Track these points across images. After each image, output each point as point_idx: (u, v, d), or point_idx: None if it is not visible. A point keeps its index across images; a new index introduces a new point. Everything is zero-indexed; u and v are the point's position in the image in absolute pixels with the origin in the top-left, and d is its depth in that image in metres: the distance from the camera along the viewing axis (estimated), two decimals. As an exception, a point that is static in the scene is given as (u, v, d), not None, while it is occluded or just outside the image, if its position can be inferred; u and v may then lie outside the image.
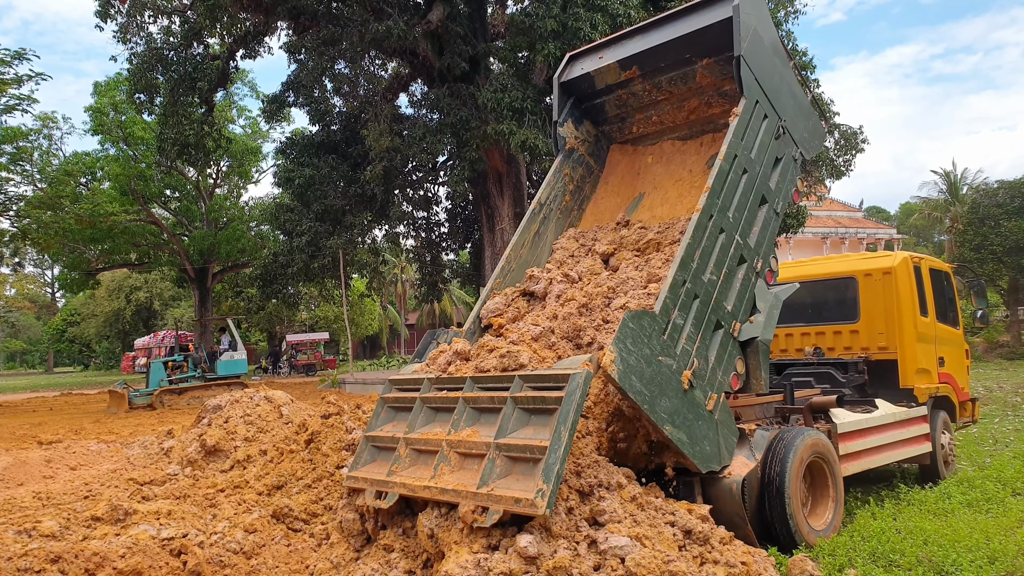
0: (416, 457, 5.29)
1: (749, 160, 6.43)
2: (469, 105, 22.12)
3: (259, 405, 10.71)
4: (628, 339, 4.89)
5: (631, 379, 4.85)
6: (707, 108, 7.67)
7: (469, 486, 4.60)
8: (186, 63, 26.11)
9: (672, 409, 5.11)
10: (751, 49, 6.50)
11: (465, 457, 4.95)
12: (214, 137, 28.04)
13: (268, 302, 31.04)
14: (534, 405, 4.84)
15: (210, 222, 39.43)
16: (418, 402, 5.55)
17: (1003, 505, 6.94)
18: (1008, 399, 16.47)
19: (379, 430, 5.77)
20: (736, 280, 6.12)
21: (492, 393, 5.09)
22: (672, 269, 5.40)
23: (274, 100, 28.70)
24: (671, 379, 5.16)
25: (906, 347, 8.38)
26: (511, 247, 7.15)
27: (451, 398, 5.34)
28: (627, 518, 4.73)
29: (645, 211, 7.74)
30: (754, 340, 6.12)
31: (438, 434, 5.19)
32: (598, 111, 8.23)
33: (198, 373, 22.02)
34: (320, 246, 25.47)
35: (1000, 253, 30.64)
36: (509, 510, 4.33)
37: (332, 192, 25.63)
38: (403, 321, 63.42)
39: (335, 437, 7.98)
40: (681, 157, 7.91)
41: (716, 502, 5.40)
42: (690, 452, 5.20)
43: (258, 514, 6.59)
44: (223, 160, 38.58)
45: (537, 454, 4.49)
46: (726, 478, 5.49)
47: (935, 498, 7.24)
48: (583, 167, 8.07)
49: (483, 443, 4.82)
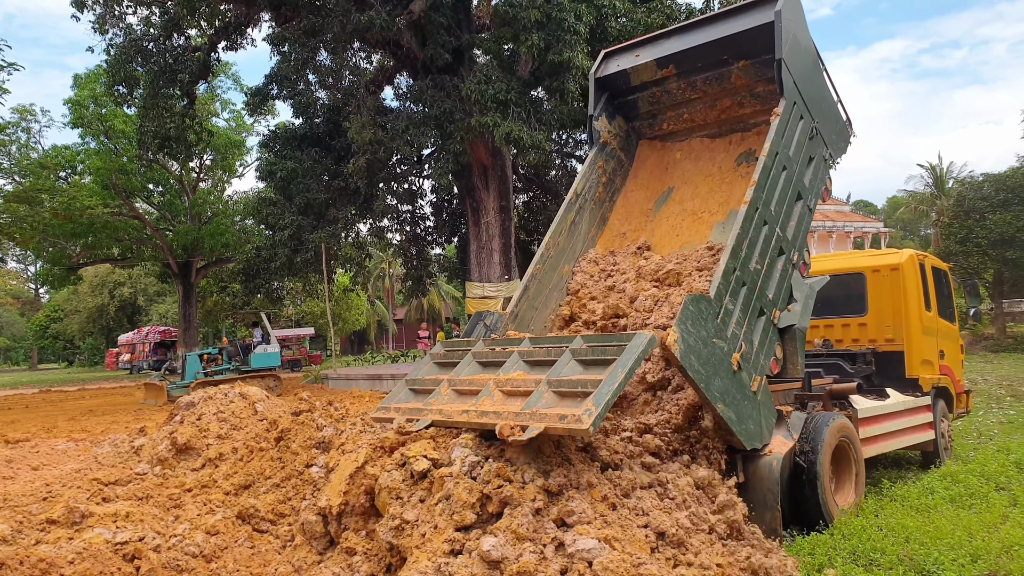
0: (456, 395, 5.45)
1: (788, 158, 6.75)
2: (453, 97, 21.86)
3: (233, 402, 10.49)
4: (688, 321, 5.15)
5: (690, 358, 5.09)
6: (738, 108, 7.99)
7: (508, 410, 4.77)
8: (166, 55, 25.68)
9: (723, 389, 5.39)
10: (791, 53, 6.77)
11: (509, 394, 5.09)
12: (196, 130, 27.71)
13: (253, 297, 30.76)
14: (592, 357, 5.00)
15: (194, 217, 38.95)
16: (468, 355, 5.75)
17: (986, 500, 6.81)
18: (992, 392, 16.42)
19: (419, 375, 6.00)
20: (776, 270, 6.46)
21: (549, 346, 5.32)
22: (724, 257, 5.72)
23: (257, 93, 28.33)
24: (723, 360, 5.44)
25: (912, 339, 8.77)
26: (550, 235, 7.44)
27: (505, 352, 5.53)
28: (597, 519, 4.55)
29: (675, 204, 8.04)
30: (792, 327, 6.47)
31: (484, 377, 5.37)
32: (630, 107, 8.50)
33: (233, 366, 22.11)
34: (303, 240, 25.16)
35: (985, 246, 30.68)
36: (552, 426, 4.43)
37: (315, 185, 25.32)
38: (391, 316, 63.05)
39: (305, 435, 7.78)
40: (710, 154, 8.21)
41: (753, 478, 5.72)
42: (737, 430, 5.48)
43: (222, 515, 6.39)
44: (206, 154, 38.08)
45: (589, 388, 4.59)
46: (767, 455, 5.80)
47: (917, 493, 7.11)
48: (615, 160, 8.34)
49: (531, 380, 5.00)
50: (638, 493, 5.02)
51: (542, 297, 7.28)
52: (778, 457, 5.76)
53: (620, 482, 5.00)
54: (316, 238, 24.50)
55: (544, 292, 7.34)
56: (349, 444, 5.82)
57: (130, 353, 44.94)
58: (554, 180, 31.93)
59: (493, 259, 25.04)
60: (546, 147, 20.89)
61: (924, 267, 9.27)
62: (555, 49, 19.94)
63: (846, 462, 6.69)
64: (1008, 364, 24.64)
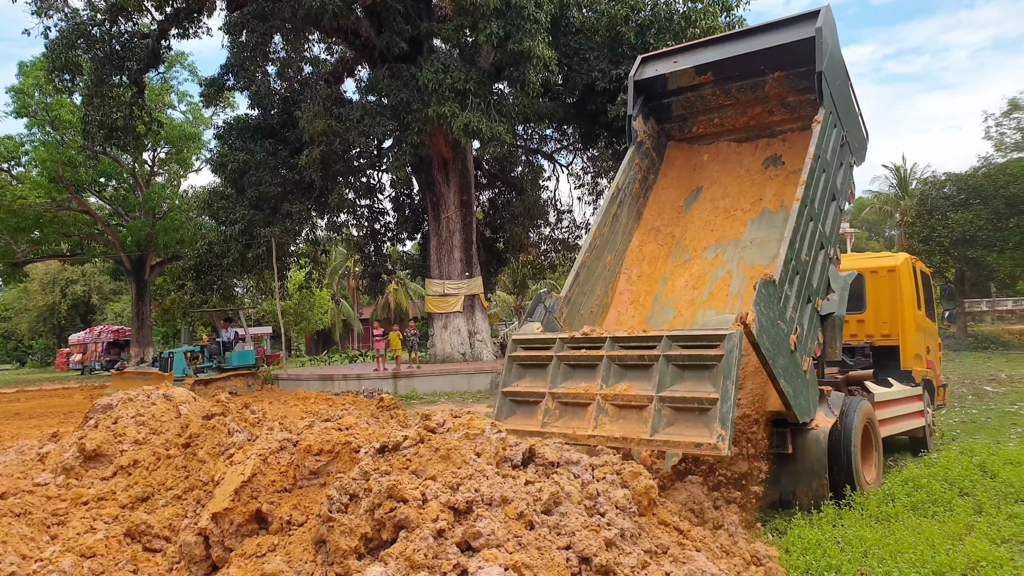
0: (564, 409, 6.03)
1: (826, 161, 7.34)
2: (411, 87, 21.17)
3: (155, 404, 9.63)
4: (761, 303, 5.56)
5: (763, 337, 5.49)
6: (768, 115, 8.58)
7: (638, 434, 5.43)
8: (112, 41, 24.64)
9: (784, 366, 5.85)
10: (829, 66, 7.33)
11: (622, 408, 5.66)
12: (145, 121, 26.58)
13: (209, 295, 29.84)
14: (690, 362, 5.50)
15: (147, 212, 37.67)
16: (554, 360, 6.20)
17: (949, 508, 6.31)
18: (955, 390, 16.15)
19: (514, 386, 6.44)
20: (819, 263, 7.05)
21: (641, 351, 5.73)
22: (783, 248, 6.24)
23: (212, 84, 27.31)
24: (784, 341, 5.91)
25: (907, 335, 9.49)
26: (596, 227, 7.99)
27: (592, 356, 5.97)
28: (510, 540, 3.93)
29: (706, 202, 8.63)
30: (831, 315, 7.11)
31: (588, 388, 5.90)
32: (664, 110, 9.05)
33: (214, 364, 21.69)
34: (255, 235, 24.27)
35: (947, 245, 30.69)
36: (690, 452, 5.28)
37: (268, 178, 24.43)
38: (356, 316, 61.95)
39: (215, 441, 7.07)
40: (737, 157, 8.80)
41: (803, 449, 6.37)
42: (794, 404, 5.99)
43: (104, 534, 5.65)
44: (160, 146, 36.87)
45: (706, 405, 5.23)
46: (814, 429, 6.43)
47: (878, 500, 6.59)
48: (648, 159, 8.85)
49: (643, 396, 5.55)
50: (562, 508, 4.40)
51: (590, 283, 7.77)
52: (825, 431, 6.43)
53: (541, 496, 4.37)
54: (268, 233, 23.63)
55: (592, 279, 7.83)
56: (239, 454, 5.14)
57: (81, 353, 43.37)
58: (519, 176, 31.35)
59: (454, 255, 24.37)
60: (506, 139, 20.27)
61: (916, 269, 10.05)
62: (515, 38, 19.34)
63: (868, 443, 7.24)
64: (969, 362, 24.57)
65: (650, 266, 8.35)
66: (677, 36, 21.05)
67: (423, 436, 4.72)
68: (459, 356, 23.81)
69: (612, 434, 5.56)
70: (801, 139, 8.38)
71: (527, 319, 7.00)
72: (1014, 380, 18.30)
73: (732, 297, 7.77)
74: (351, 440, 4.97)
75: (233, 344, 22.15)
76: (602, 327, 7.54)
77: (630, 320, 8.01)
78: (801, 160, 7.92)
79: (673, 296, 8.12)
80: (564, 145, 31.08)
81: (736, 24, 21.99)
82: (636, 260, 8.34)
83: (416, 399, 18.58)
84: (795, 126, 8.53)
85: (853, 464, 6.61)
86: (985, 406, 13.86)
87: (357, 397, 18.39)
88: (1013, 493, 6.63)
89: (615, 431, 5.56)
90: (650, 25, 22.10)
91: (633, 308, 8.17)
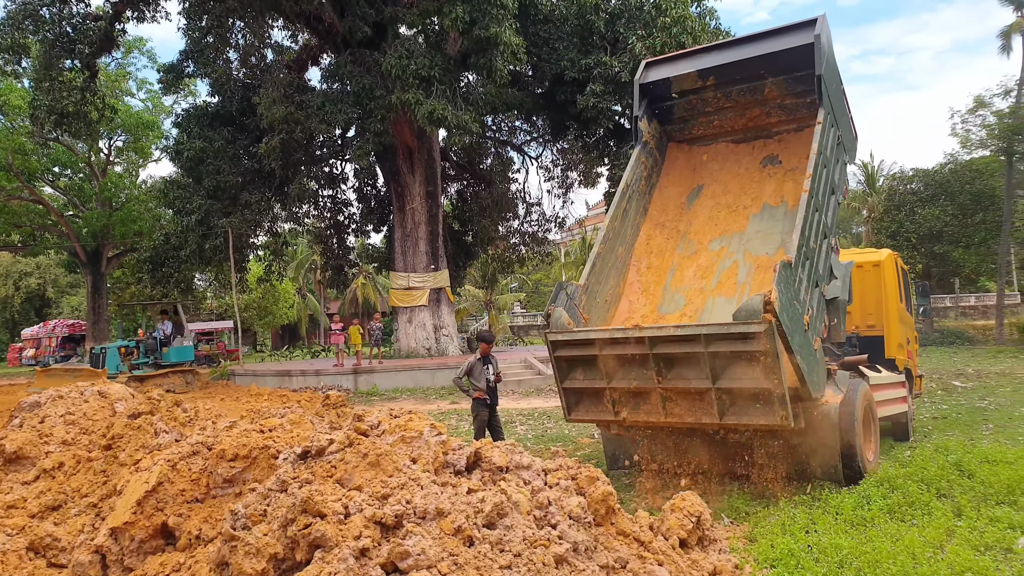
0: (629, 397, 6.80)
1: (826, 158, 7.77)
2: (374, 73, 20.48)
3: (88, 402, 8.94)
4: (782, 283, 5.94)
5: (784, 315, 5.83)
6: (766, 118, 9.02)
7: (709, 418, 6.34)
8: (62, 22, 23.59)
9: (800, 344, 6.21)
10: (827, 70, 7.78)
11: (684, 394, 6.46)
12: (97, 106, 25.49)
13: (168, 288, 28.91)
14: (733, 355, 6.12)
15: (103, 202, 36.40)
16: (600, 359, 6.77)
17: (928, 511, 5.93)
18: (924, 385, 15.96)
19: (570, 381, 7.18)
20: (823, 251, 7.52)
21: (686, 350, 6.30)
22: (795, 235, 6.65)
23: (170, 70, 26.34)
24: (799, 320, 6.30)
25: (891, 326, 10.04)
26: (609, 219, 8.32)
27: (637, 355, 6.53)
28: (444, 560, 3.42)
29: (708, 199, 9.07)
30: (836, 299, 7.74)
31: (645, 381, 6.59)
32: (667, 112, 9.43)
33: (150, 360, 20.81)
34: (212, 226, 23.41)
35: (914, 241, 30.76)
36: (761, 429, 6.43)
37: (227, 167, 23.57)
38: (323, 310, 60.90)
39: (139, 442, 6.45)
40: (735, 157, 9.26)
41: (815, 424, 6.82)
42: (809, 380, 6.39)
43: (2, 547, 5.04)
44: (116, 134, 35.65)
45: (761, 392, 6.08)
46: (825, 404, 6.94)
47: (853, 503, 6.20)
48: (652, 159, 9.21)
49: (702, 387, 6.29)
50: (507, 521, 3.89)
51: (604, 273, 8.13)
52: (835, 406, 6.93)
53: (484, 507, 3.87)
54: (225, 224, 22.79)
55: (606, 269, 8.18)
56: (147, 459, 4.56)
57: (35, 348, 41.82)
58: (489, 168, 30.77)
59: (419, 248, 23.74)
60: (472, 128, 19.69)
61: (898, 264, 10.62)
62: (481, 24, 18.77)
63: (868, 421, 7.62)
64: (936, 357, 24.58)
65: (658, 258, 8.75)
66: (647, 25, 20.65)
67: (352, 440, 4.19)
68: (424, 351, 23.21)
69: (684, 419, 6.44)
70: (797, 140, 8.85)
71: (551, 304, 7.32)
72: (981, 375, 18.23)
73: (740, 285, 8.16)
74: (270, 444, 4.42)
75: (172, 339, 21.31)
76: (616, 314, 8.27)
77: (642, 308, 8.42)
78: (798, 159, 8.58)
79: (682, 285, 8.53)
80: (534, 137, 30.58)
81: (707, 14, 21.66)
82: (644, 252, 8.75)
83: (377, 396, 17.98)
84: (791, 127, 8.94)
85: (856, 441, 6.99)
86: (955, 401, 13.67)
87: (315, 394, 17.72)
88: (992, 494, 6.28)
89: (687, 416, 6.41)
90: (620, 14, 21.68)
91: (644, 297, 8.58)
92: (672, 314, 8.18)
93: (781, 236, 8.17)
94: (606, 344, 6.67)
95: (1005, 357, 23.59)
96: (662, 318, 8.14)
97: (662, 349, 6.34)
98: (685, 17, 19.76)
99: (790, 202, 8.41)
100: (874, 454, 7.73)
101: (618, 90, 20.63)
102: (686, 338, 6.25)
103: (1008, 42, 29.13)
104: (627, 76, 20.08)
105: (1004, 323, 29.83)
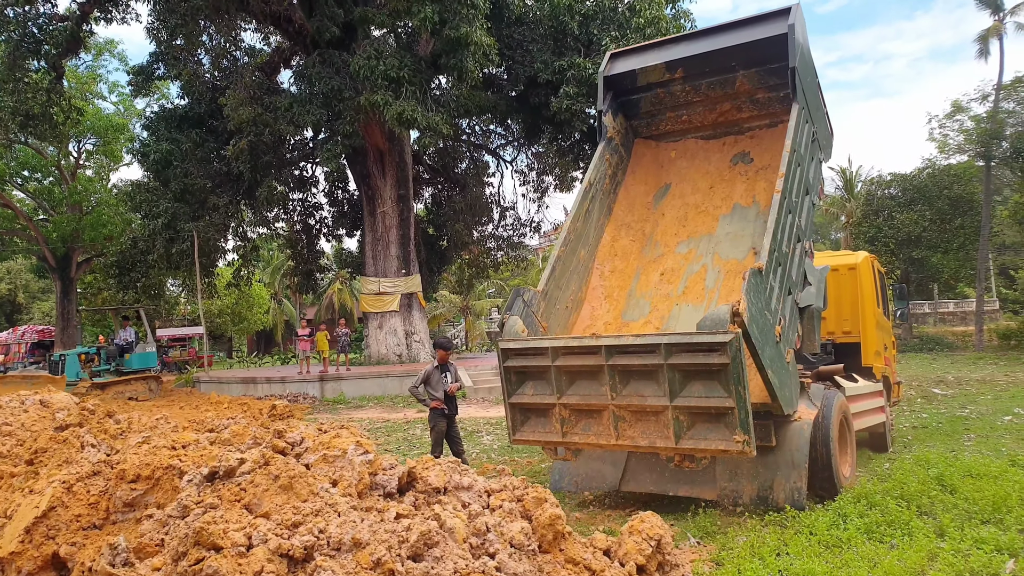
0: (579, 416, 6.16)
1: (800, 155, 7.38)
2: (343, 74, 19.97)
3: (27, 411, 8.37)
4: (751, 292, 5.52)
5: (754, 327, 5.41)
6: (736, 112, 8.61)
7: (663, 442, 5.71)
8: (28, 23, 22.93)
9: (771, 356, 5.79)
10: (800, 63, 7.39)
11: (638, 414, 5.82)
12: (64, 108, 24.81)
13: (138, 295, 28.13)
14: (695, 369, 5.54)
15: (73, 206, 35.55)
16: (553, 371, 6.14)
17: (908, 531, 5.54)
18: (904, 393, 15.67)
19: (519, 396, 6.49)
20: (796, 255, 7.09)
21: (643, 360, 5.70)
22: (767, 239, 6.19)
23: (140, 72, 25.74)
24: (770, 331, 5.87)
25: (867, 332, 9.54)
26: (570, 220, 7.85)
27: (591, 367, 5.93)
28: (355, 602, 2.95)
29: (676, 199, 8.67)
30: (810, 307, 7.20)
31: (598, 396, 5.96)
32: (632, 106, 8.99)
33: (111, 367, 20.29)
34: (179, 229, 22.77)
35: (893, 246, 30.64)
36: (719, 455, 5.65)
37: (194, 170, 22.94)
38: (299, 315, 60.09)
39: (63, 456, 5.93)
40: (704, 154, 8.86)
41: (785, 441, 6.41)
42: (780, 395, 5.92)
43: None
44: (86, 137, 34.86)
45: (723, 411, 5.42)
46: (797, 421, 6.47)
47: (828, 522, 5.80)
48: (617, 156, 8.78)
49: (658, 405, 5.66)
50: (437, 551, 3.44)
51: (565, 278, 7.64)
52: (808, 422, 6.46)
53: (409, 536, 3.41)
54: (191, 228, 22.17)
55: (567, 274, 7.69)
56: (41, 481, 4.07)
57: (3, 354, 40.80)
58: (464, 173, 30.31)
59: (390, 252, 23.20)
60: (443, 129, 19.23)
61: (874, 267, 10.09)
62: (452, 23, 18.33)
63: (844, 436, 7.24)
64: (915, 364, 24.39)
65: (623, 261, 8.34)
66: (622, 27, 20.35)
67: (268, 459, 3.72)
68: (395, 358, 22.67)
69: (637, 442, 5.83)
70: (769, 136, 8.49)
71: (506, 312, 6.87)
72: (961, 382, 18.00)
73: (708, 291, 7.77)
74: (175, 463, 3.94)
75: (134, 345, 20.78)
76: (577, 321, 7.80)
77: (605, 315, 7.96)
78: (770, 156, 8.20)
79: (647, 291, 8.13)
80: (508, 140, 30.20)
81: (682, 15, 21.40)
82: (608, 255, 8.31)
83: (343, 404, 17.44)
84: (763, 123, 8.56)
85: (832, 456, 6.62)
86: (935, 409, 13.36)
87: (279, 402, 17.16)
88: (977, 512, 5.89)
89: (640, 439, 5.80)
90: (594, 16, 21.36)
91: (607, 303, 8.15)
92: (636, 321, 7.73)
93: (752, 238, 7.75)
94: (560, 354, 6.12)
95: (985, 364, 23.43)
96: (626, 326, 7.68)
97: (619, 360, 5.79)
98: (659, 18, 19.48)
99: (762, 202, 7.98)
100: (851, 468, 7.37)
101: (592, 92, 20.23)
102: (645, 348, 5.70)
103: (985, 46, 29.17)
104: (601, 78, 19.77)
105: (983, 329, 29.76)
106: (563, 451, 6.50)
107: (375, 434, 12.85)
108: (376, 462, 3.91)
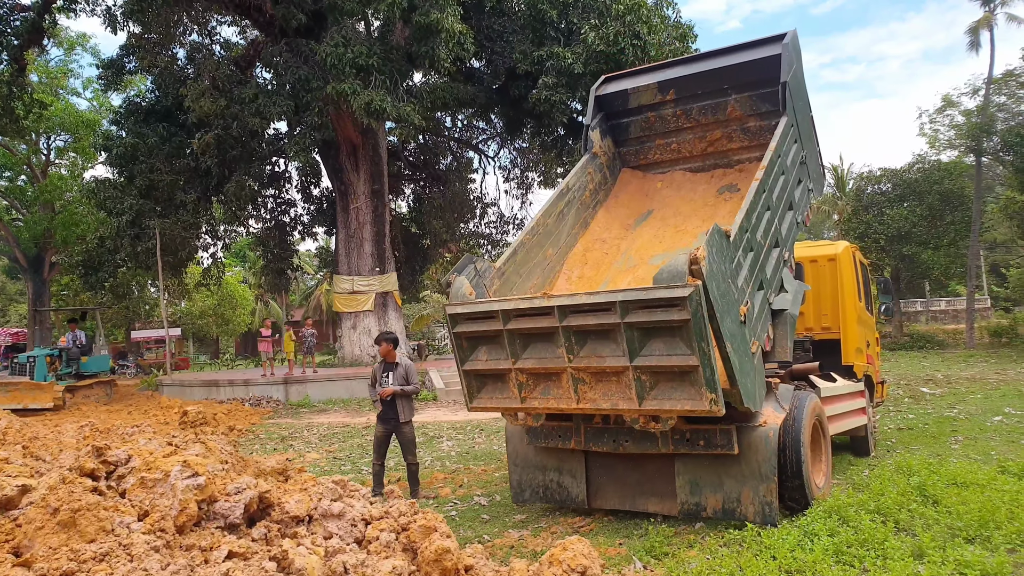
0: (538, 379, 5.81)
1: (785, 166, 7.26)
2: (310, 63, 19.21)
3: None
4: (714, 247, 5.18)
5: (713, 284, 5.01)
6: (727, 142, 8.50)
7: (626, 404, 5.35)
8: (-14, 12, 22.14)
9: (733, 332, 5.35)
10: (793, 84, 7.45)
11: (598, 375, 5.48)
12: (25, 101, 24.00)
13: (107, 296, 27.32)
14: (654, 326, 5.15)
15: (44, 204, 34.70)
16: (506, 335, 5.75)
17: (882, 552, 4.82)
18: (891, 392, 15.01)
19: (473, 362, 6.07)
20: (772, 256, 6.84)
21: (598, 320, 5.33)
22: (740, 214, 5.95)
23: (110, 65, 24.92)
24: (734, 305, 5.47)
25: (848, 328, 8.89)
26: (540, 214, 7.59)
27: (546, 329, 5.58)
28: None
29: (656, 221, 8.42)
30: (784, 312, 6.92)
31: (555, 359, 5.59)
32: (622, 130, 8.95)
33: (72, 370, 19.75)
34: (144, 227, 21.98)
35: (883, 242, 30.02)
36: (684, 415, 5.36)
37: (160, 165, 22.15)
38: (284, 316, 59.23)
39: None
40: (691, 185, 8.68)
41: (749, 450, 5.79)
42: (740, 381, 5.34)
43: None
44: (56, 133, 34.03)
45: (686, 369, 5.06)
46: (762, 426, 5.82)
47: (792, 542, 5.08)
48: (601, 175, 8.64)
49: (618, 367, 5.30)
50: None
51: (528, 267, 7.31)
52: (774, 428, 5.82)
53: (229, 585, 2.66)
54: (156, 224, 21.38)
55: (529, 264, 7.36)
56: None
57: (-23, 358, 39.95)
58: (446, 169, 29.56)
59: (364, 249, 22.43)
60: (415, 120, 18.49)
61: (856, 259, 9.44)
62: (422, 10, 17.61)
63: (818, 442, 6.64)
64: (905, 362, 23.76)
65: (593, 270, 8.03)
66: (602, 15, 19.62)
67: (69, 481, 2.96)
68: (369, 359, 21.87)
69: (599, 404, 5.48)
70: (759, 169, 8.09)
71: (453, 272, 6.37)
72: (951, 381, 17.33)
73: None
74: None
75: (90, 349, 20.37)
76: None
77: None
78: None
79: None
80: (491, 135, 29.47)
81: (664, 3, 20.69)
82: (579, 263, 8.01)
83: (307, 407, 16.67)
84: (753, 155, 8.31)
85: (803, 465, 5.99)
86: (922, 409, 12.67)
87: (241, 406, 16.37)
88: (961, 529, 5.17)
89: (601, 402, 5.46)
90: (574, 3, 20.62)
91: None
92: None
93: None
94: (511, 316, 5.72)
95: (975, 362, 22.79)
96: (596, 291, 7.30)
97: (573, 321, 5.41)
98: (640, 5, 18.75)
99: None
100: (825, 477, 6.68)
101: (571, 82, 19.57)
102: (600, 307, 5.32)
103: (976, 38, 28.54)
104: (580, 67, 19.06)
105: (974, 327, 29.16)
106: (523, 416, 6.16)
107: (330, 440, 12.08)
108: (214, 487, 3.16)
